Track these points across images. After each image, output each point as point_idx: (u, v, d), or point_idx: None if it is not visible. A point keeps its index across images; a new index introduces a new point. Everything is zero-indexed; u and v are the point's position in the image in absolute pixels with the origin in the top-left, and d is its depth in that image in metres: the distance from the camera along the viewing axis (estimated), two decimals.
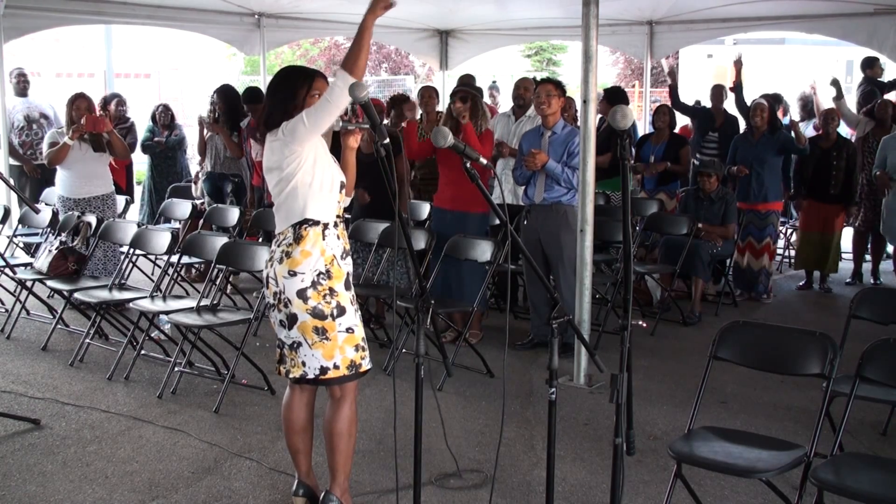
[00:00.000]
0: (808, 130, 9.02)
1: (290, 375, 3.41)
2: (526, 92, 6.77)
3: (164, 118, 9.24)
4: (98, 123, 6.65)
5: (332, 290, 3.32)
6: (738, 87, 8.45)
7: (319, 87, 3.36)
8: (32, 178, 8.23)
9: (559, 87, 5.80)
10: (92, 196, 6.81)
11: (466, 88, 6.10)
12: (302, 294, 3.29)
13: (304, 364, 3.35)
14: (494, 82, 13.34)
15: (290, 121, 3.29)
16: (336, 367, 3.34)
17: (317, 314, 3.30)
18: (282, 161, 3.30)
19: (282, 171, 3.31)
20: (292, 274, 3.29)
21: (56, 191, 6.96)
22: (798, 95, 9.86)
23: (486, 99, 11.47)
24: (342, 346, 3.34)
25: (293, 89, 3.35)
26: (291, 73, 3.49)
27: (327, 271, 3.32)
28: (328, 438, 3.46)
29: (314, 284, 3.29)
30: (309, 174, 3.30)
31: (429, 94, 7.44)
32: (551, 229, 5.70)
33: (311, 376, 3.36)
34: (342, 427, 3.43)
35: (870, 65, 9.25)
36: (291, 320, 3.32)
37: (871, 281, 8.00)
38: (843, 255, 8.22)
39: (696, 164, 7.90)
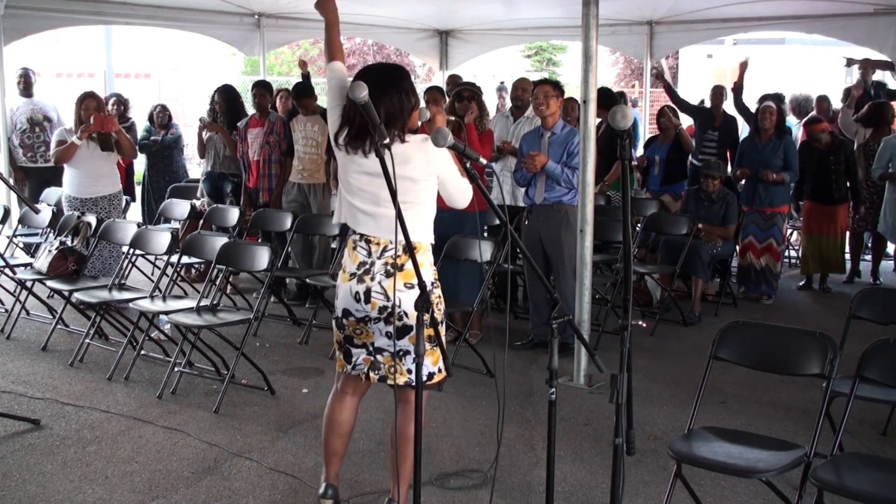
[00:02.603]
0: (798, 132, 9.06)
1: (389, 382, 3.36)
2: (524, 93, 6.77)
3: (162, 118, 9.25)
4: (106, 123, 6.66)
5: (440, 298, 3.35)
6: (738, 89, 8.45)
7: None
8: (30, 179, 8.21)
9: (557, 87, 5.79)
10: (99, 196, 6.82)
11: (470, 86, 6.09)
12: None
13: (409, 371, 3.33)
14: (503, 83, 13.32)
15: (447, 163, 3.31)
16: (440, 370, 3.37)
17: (431, 323, 3.23)
18: (418, 176, 3.27)
19: (416, 185, 3.26)
20: (409, 286, 3.24)
21: (63, 190, 6.96)
22: (790, 97, 9.87)
23: (495, 100, 11.49)
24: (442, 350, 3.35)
25: (409, 91, 3.31)
26: (401, 73, 3.41)
27: (434, 280, 3.34)
28: (402, 447, 3.39)
29: (431, 292, 3.27)
30: (436, 193, 3.38)
31: (433, 96, 7.43)
32: (552, 229, 5.70)
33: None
34: (412, 430, 3.32)
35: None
36: (404, 332, 3.29)
37: (871, 280, 8.01)
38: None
39: (699, 164, 7.91)
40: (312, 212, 7.04)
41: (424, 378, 3.28)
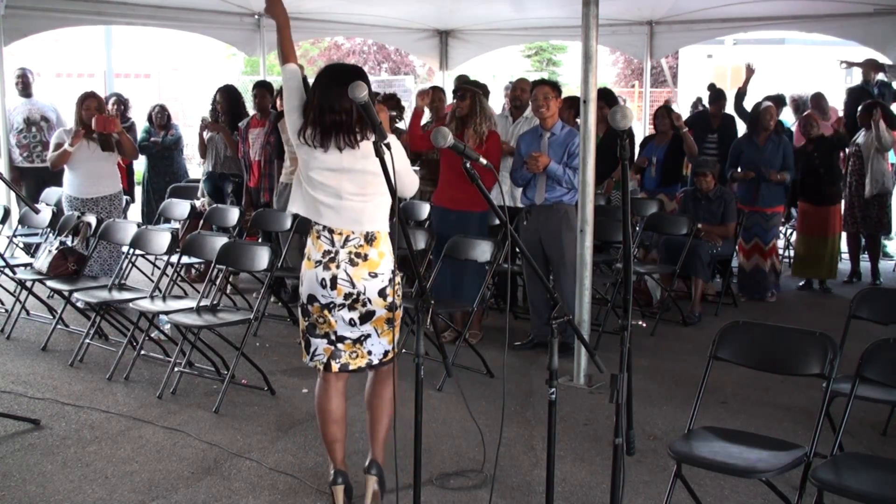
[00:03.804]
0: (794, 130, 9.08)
1: (350, 368, 3.52)
2: (523, 93, 6.76)
3: (161, 119, 9.25)
4: (108, 123, 6.65)
5: (398, 284, 3.53)
6: (741, 94, 8.47)
7: None
8: (28, 179, 8.19)
9: (556, 88, 5.80)
10: (100, 196, 6.82)
11: (467, 86, 6.09)
12: (382, 292, 3.45)
13: (369, 353, 3.52)
14: (511, 84, 13.31)
15: (399, 150, 3.41)
16: (394, 348, 3.54)
17: (391, 307, 3.47)
18: (377, 170, 3.23)
19: (376, 178, 3.24)
20: (373, 275, 3.44)
21: (64, 190, 6.96)
22: (790, 95, 9.88)
23: (502, 99, 11.46)
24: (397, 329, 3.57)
25: (371, 91, 3.36)
26: (363, 73, 3.46)
27: (394, 269, 3.51)
28: (377, 409, 3.64)
29: (391, 282, 3.46)
30: None
31: (438, 95, 7.44)
32: (553, 229, 5.70)
33: (375, 362, 3.54)
34: (390, 394, 3.60)
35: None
36: (367, 317, 3.47)
37: (871, 280, 8.00)
38: (842, 256, 8.22)
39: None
40: None
41: (381, 357, 3.52)
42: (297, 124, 3.50)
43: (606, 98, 8.04)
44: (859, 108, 8.05)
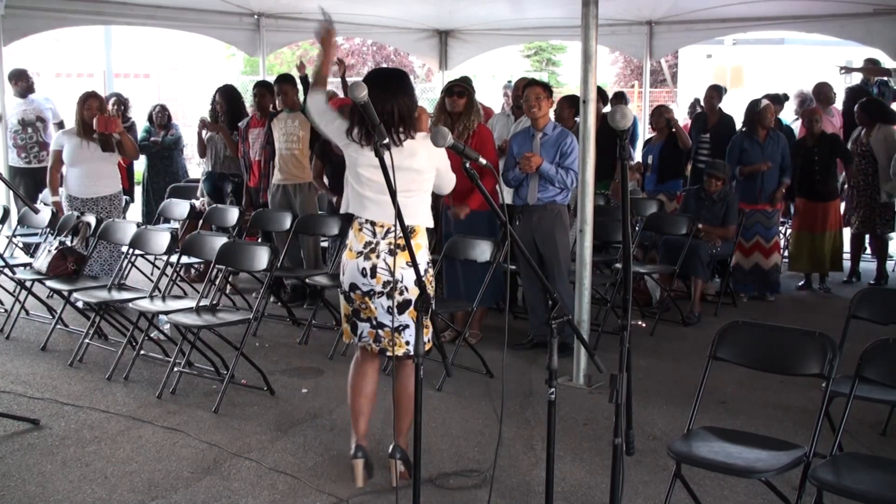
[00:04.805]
0: (796, 125, 9.08)
1: (388, 353, 3.76)
2: None
3: (161, 118, 9.26)
4: (109, 124, 6.65)
5: (431, 275, 3.74)
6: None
7: None
8: (25, 179, 8.17)
9: (547, 88, 5.83)
10: (100, 196, 6.81)
11: (462, 84, 6.09)
12: (419, 282, 3.53)
13: (407, 343, 3.72)
14: (509, 82, 13.35)
15: (444, 157, 3.77)
16: (428, 340, 3.63)
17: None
18: (423, 168, 3.70)
19: (421, 176, 3.70)
20: (410, 265, 3.55)
21: (64, 190, 6.95)
22: (795, 93, 9.88)
23: (500, 98, 11.48)
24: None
25: (413, 93, 3.74)
26: (407, 77, 3.83)
27: (428, 261, 3.71)
28: (401, 400, 3.81)
29: (426, 272, 3.62)
30: (433, 183, 3.84)
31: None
32: (547, 229, 5.69)
33: (413, 353, 3.64)
34: (412, 391, 3.66)
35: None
36: (405, 306, 3.68)
37: (872, 281, 7.97)
38: (844, 255, 8.21)
39: (702, 167, 7.87)
40: (297, 213, 6.93)
41: None
42: (344, 126, 3.78)
43: (602, 97, 8.08)
44: (856, 107, 8.03)
